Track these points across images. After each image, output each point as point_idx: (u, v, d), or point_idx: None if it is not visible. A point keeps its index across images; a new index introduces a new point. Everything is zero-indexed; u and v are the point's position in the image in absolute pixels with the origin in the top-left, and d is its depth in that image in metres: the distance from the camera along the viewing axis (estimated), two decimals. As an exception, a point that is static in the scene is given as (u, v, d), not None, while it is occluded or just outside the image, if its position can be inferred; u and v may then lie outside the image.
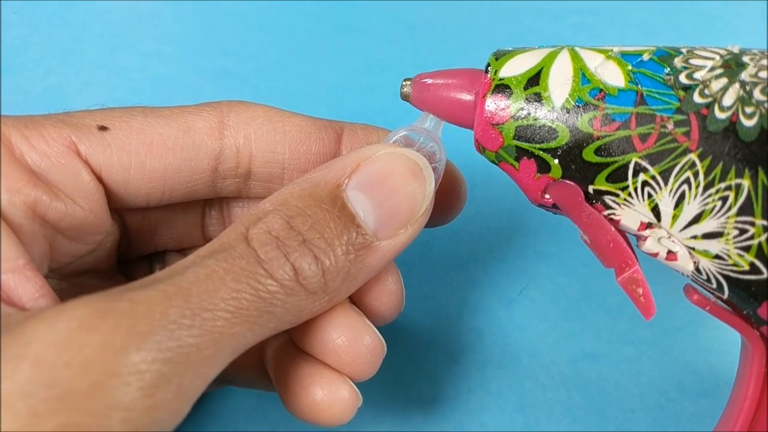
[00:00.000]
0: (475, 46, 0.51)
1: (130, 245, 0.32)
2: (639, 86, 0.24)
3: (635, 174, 0.24)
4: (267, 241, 0.24)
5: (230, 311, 0.22)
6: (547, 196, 0.26)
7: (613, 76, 0.24)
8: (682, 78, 0.24)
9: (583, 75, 0.24)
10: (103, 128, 0.27)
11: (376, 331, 0.28)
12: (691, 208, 0.24)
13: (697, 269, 0.25)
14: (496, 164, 0.26)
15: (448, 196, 0.31)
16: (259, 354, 0.30)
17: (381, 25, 0.52)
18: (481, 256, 0.42)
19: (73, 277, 0.29)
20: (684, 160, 0.24)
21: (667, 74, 0.24)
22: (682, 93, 0.24)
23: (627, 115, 0.24)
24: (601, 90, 0.24)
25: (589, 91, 0.24)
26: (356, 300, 0.29)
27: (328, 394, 0.27)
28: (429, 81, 0.27)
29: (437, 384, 0.38)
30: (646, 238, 0.25)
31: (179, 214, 0.32)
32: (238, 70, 0.50)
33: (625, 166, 0.24)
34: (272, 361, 0.29)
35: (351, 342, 0.27)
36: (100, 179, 0.27)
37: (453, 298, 0.41)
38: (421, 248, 0.42)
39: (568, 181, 0.25)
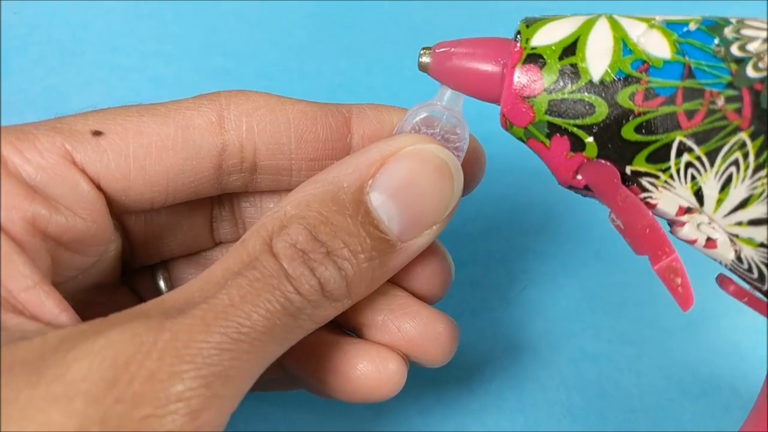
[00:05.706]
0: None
1: (134, 255, 0.29)
2: (686, 58, 0.20)
3: (679, 154, 0.21)
4: (293, 255, 0.22)
5: (265, 332, 0.21)
6: (579, 176, 0.22)
7: (658, 46, 0.21)
8: (734, 50, 0.20)
9: (624, 45, 0.21)
10: (97, 133, 0.24)
11: (449, 317, 0.28)
12: (738, 192, 0.21)
13: (738, 258, 0.22)
14: (523, 141, 0.23)
15: (468, 168, 0.28)
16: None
17: (381, 25, 0.49)
18: (481, 256, 0.40)
19: (80, 294, 0.26)
20: (733, 139, 0.20)
21: (717, 45, 0.20)
22: (734, 66, 0.20)
23: (673, 90, 0.20)
24: (645, 62, 0.21)
25: (631, 62, 0.21)
26: (408, 285, 0.28)
27: (380, 367, 0.26)
28: (451, 50, 0.23)
29: (437, 384, 0.36)
30: (683, 223, 0.22)
31: (185, 217, 0.29)
32: (238, 70, 0.47)
33: (668, 146, 0.21)
34: (299, 353, 0.26)
35: (424, 330, 0.27)
36: (99, 187, 0.24)
37: (453, 298, 0.38)
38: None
39: (603, 161, 0.22)
